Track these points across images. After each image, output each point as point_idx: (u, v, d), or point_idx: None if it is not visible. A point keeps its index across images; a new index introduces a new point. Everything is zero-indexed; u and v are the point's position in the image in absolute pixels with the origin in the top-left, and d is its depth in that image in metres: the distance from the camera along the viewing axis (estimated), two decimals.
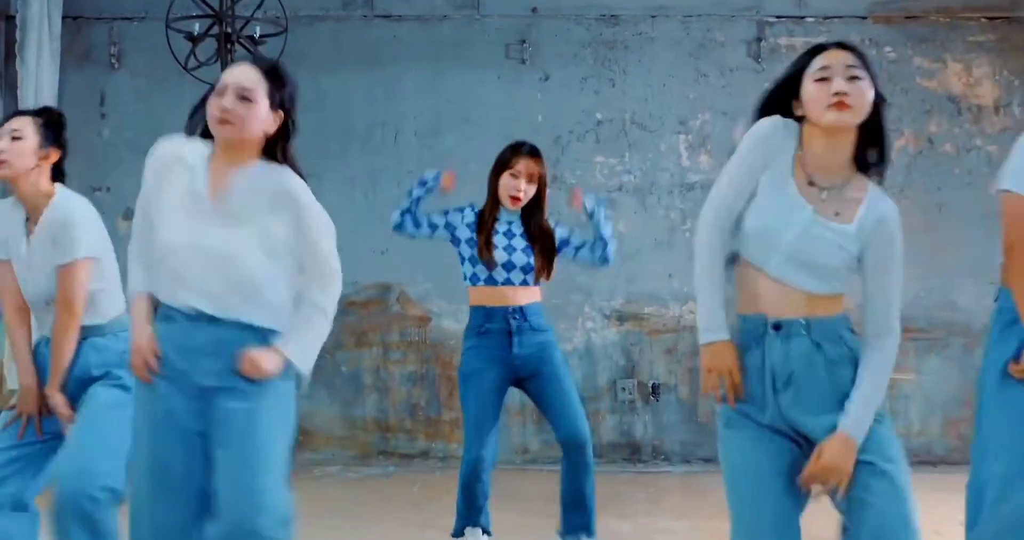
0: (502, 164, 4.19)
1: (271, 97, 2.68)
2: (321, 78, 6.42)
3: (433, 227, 4.20)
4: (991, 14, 6.58)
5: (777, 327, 2.47)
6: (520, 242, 4.19)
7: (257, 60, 2.79)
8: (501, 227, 4.19)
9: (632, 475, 6.00)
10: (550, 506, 4.27)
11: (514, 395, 4.55)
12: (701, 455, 6.38)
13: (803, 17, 6.60)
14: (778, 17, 6.57)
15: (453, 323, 6.39)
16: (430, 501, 5.21)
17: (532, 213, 4.19)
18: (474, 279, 4.16)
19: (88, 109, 6.60)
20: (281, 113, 2.71)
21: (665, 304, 6.54)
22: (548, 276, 4.24)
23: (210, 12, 5.00)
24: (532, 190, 4.17)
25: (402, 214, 4.16)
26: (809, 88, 2.44)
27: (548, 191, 4.24)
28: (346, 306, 6.27)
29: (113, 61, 6.61)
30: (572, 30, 6.63)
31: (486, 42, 6.63)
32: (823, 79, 2.45)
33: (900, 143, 6.39)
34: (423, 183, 4.19)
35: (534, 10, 6.61)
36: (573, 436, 4.09)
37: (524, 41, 6.62)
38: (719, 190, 2.56)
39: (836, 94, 2.39)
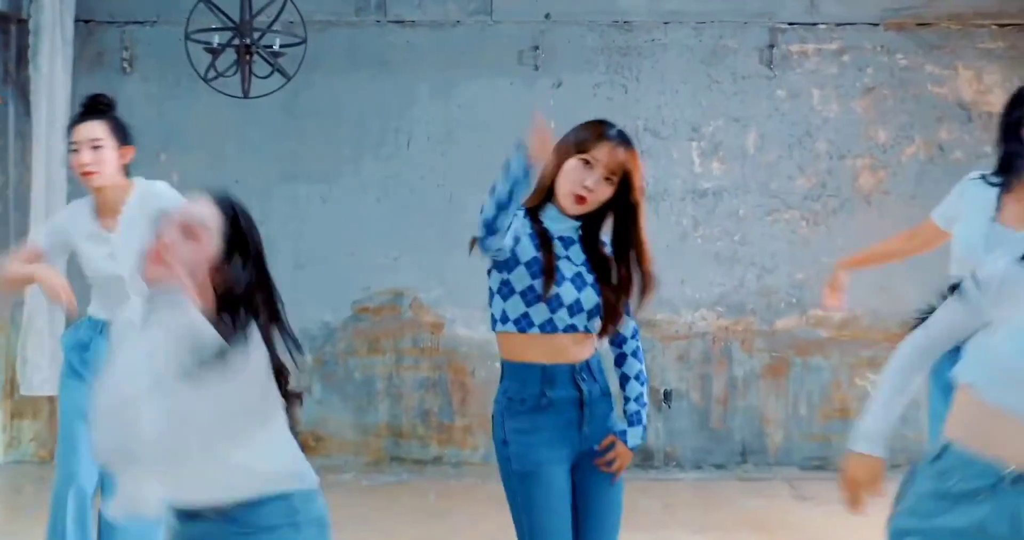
0: (573, 144, 2.77)
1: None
2: (335, 83, 6.51)
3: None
4: (1002, 21, 6.63)
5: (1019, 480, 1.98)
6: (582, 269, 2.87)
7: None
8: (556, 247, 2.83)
9: (645, 483, 6.06)
10: None
11: None
12: (712, 461, 6.46)
13: (815, 23, 6.64)
14: (790, 24, 6.64)
15: (466, 329, 6.49)
16: (447, 511, 5.29)
17: (596, 229, 2.89)
18: (523, 323, 2.76)
19: None
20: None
21: (677, 311, 6.60)
22: (614, 324, 2.85)
23: (230, 25, 4.98)
24: (606, 194, 2.78)
25: (495, 223, 2.57)
26: None
27: (643, 201, 2.86)
28: (358, 312, 6.46)
29: (125, 66, 6.63)
30: (585, 36, 6.69)
31: (499, 48, 6.70)
32: None
33: (910, 150, 6.49)
34: (516, 176, 2.51)
35: (547, 16, 6.66)
36: None
37: (537, 47, 6.67)
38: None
39: None
